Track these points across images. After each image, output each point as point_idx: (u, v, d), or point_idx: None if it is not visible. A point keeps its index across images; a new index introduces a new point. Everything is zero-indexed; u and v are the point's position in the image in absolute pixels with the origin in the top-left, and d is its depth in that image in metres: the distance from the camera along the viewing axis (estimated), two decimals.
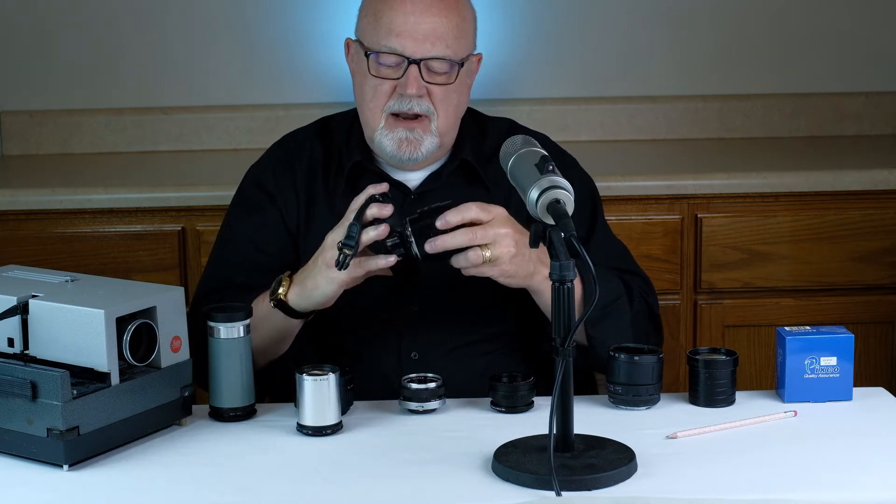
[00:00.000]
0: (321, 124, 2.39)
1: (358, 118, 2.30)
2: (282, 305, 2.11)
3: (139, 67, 3.52)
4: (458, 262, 2.03)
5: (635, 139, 3.57)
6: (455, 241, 2.01)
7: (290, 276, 2.12)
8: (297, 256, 2.25)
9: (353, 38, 2.29)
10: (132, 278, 2.79)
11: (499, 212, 2.05)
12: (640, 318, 2.21)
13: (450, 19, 2.20)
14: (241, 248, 2.29)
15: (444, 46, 2.19)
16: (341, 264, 1.99)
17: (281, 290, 2.10)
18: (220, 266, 2.31)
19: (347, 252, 1.98)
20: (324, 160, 2.32)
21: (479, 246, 2.02)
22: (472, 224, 2.03)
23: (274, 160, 2.36)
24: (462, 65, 2.22)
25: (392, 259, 2.02)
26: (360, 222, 2.00)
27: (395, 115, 2.21)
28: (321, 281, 2.06)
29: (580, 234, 1.78)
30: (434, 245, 2.01)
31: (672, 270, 3.09)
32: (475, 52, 2.29)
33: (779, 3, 3.57)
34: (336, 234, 2.04)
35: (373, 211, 2.01)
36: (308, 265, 2.10)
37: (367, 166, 2.28)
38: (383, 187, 2.05)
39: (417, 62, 2.18)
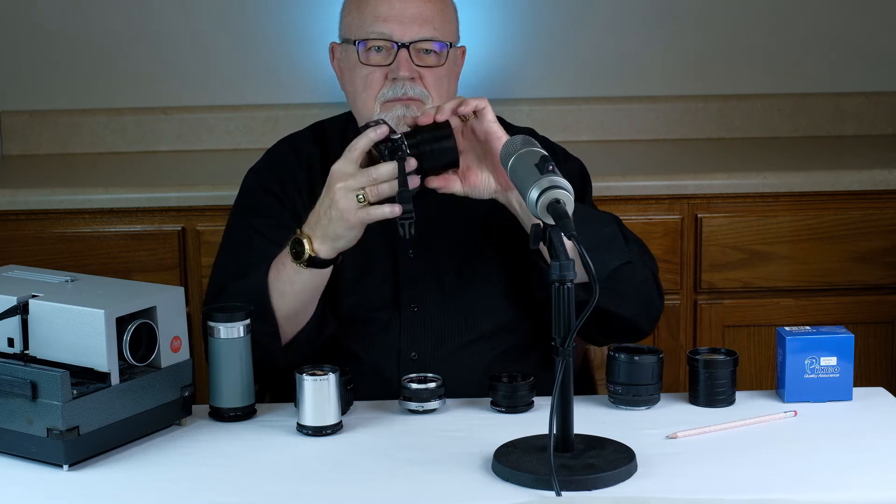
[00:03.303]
0: (315, 128, 2.40)
1: (351, 120, 2.30)
2: (313, 262, 2.07)
3: (139, 67, 3.52)
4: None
5: (635, 139, 3.57)
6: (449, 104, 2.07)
7: (303, 232, 2.07)
8: None
9: (337, 42, 2.30)
10: (132, 278, 2.79)
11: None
12: (645, 282, 2.18)
13: (434, 4, 2.23)
14: (254, 244, 2.24)
15: (431, 28, 2.21)
16: (406, 233, 1.99)
17: (307, 249, 2.05)
18: (234, 260, 2.26)
19: (411, 220, 1.99)
20: (321, 160, 2.32)
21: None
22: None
23: (274, 163, 2.36)
24: (451, 46, 2.23)
25: (398, 209, 2.00)
26: (407, 186, 1.99)
27: (389, 102, 2.20)
28: (341, 230, 2.03)
29: None
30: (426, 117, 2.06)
31: (672, 270, 3.09)
32: (459, 45, 2.30)
33: (779, 3, 3.57)
34: (345, 183, 2.00)
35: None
36: (318, 215, 2.05)
37: None
38: (383, 131, 2.03)
39: (407, 46, 2.19)
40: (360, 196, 2.00)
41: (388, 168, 2.00)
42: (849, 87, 3.60)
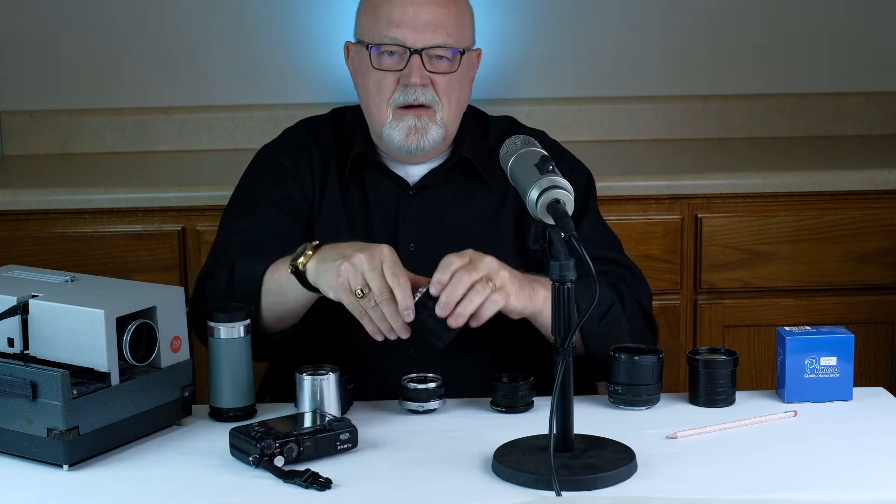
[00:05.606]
0: (336, 113, 2.41)
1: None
2: (298, 274, 2.03)
3: (139, 67, 3.52)
4: (471, 304, 1.96)
5: (635, 139, 3.57)
6: (457, 290, 1.95)
7: (316, 247, 2.03)
8: (307, 233, 2.25)
9: (353, 41, 2.31)
10: (132, 278, 2.79)
11: (471, 252, 2.01)
12: (634, 320, 2.20)
13: (448, 9, 2.23)
14: (263, 210, 2.25)
15: (444, 35, 2.21)
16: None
17: (301, 260, 2.01)
18: (240, 225, 2.25)
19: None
20: (336, 147, 2.33)
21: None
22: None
23: (290, 141, 2.37)
24: (463, 52, 2.23)
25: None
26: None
27: (401, 108, 2.22)
28: (326, 277, 1.98)
29: None
30: (445, 308, 1.95)
31: (672, 270, 3.09)
32: (474, 48, 2.30)
33: (779, 2, 3.57)
34: (370, 266, 1.94)
35: None
36: (338, 248, 2.00)
37: (369, 157, 2.29)
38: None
39: (419, 52, 2.20)
40: (360, 290, 1.95)
41: (391, 311, 1.95)
42: (849, 87, 3.60)
